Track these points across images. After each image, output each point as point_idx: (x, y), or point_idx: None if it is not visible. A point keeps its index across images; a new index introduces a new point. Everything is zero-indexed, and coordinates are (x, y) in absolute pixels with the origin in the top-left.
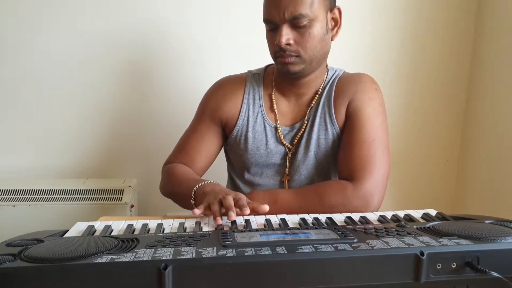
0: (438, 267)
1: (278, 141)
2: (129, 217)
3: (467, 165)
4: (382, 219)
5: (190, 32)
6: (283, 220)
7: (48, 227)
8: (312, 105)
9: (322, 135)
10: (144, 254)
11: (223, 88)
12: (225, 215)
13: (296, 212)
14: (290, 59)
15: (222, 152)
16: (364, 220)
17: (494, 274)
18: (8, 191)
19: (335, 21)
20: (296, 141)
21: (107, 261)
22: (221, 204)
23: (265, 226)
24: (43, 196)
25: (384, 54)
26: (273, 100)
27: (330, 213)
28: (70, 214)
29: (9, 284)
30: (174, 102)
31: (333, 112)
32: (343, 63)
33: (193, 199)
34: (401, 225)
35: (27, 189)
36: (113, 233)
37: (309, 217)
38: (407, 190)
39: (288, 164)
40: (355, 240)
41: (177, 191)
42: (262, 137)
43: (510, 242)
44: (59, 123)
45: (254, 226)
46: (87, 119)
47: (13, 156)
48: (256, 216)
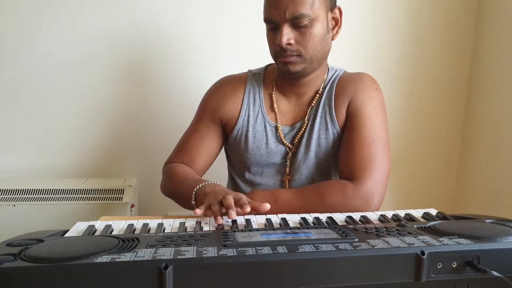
0: (439, 267)
1: (279, 141)
2: (130, 217)
3: (467, 165)
4: (383, 219)
5: (190, 32)
6: (284, 220)
7: (48, 227)
8: (313, 105)
9: (323, 135)
10: (145, 254)
11: (224, 88)
12: (226, 215)
13: (297, 212)
14: (291, 59)
15: (223, 152)
16: (365, 220)
17: (495, 274)
18: (8, 191)
19: (336, 21)
20: (297, 141)
21: (108, 261)
22: (222, 204)
23: (266, 226)
24: (43, 196)
25: (385, 54)
26: (274, 100)
27: (331, 213)
28: (71, 214)
29: (9, 284)
30: (174, 102)
31: (334, 112)
32: (343, 63)
33: (194, 200)
34: (402, 225)
35: (27, 189)
36: (114, 233)
37: (310, 217)
38: (407, 190)
39: (289, 164)
40: (356, 240)
41: (178, 191)
42: (263, 137)
43: (511, 242)
44: (59, 123)
45: (255, 226)
46: (87, 119)
47: (13, 156)
48: (257, 216)
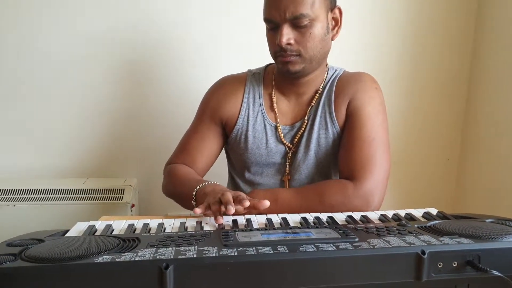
0: (439, 266)
1: (278, 140)
2: (130, 217)
3: (467, 165)
4: (383, 218)
5: (190, 32)
6: (284, 219)
7: (49, 227)
8: (313, 104)
9: (323, 134)
10: (145, 254)
11: (223, 88)
12: (226, 215)
13: (297, 211)
14: (291, 58)
15: (223, 152)
16: (365, 219)
17: (495, 273)
18: (8, 191)
19: (336, 21)
20: (297, 140)
21: (108, 261)
22: (221, 203)
23: (266, 225)
24: (43, 196)
25: (385, 54)
26: (273, 100)
27: (331, 212)
28: (71, 214)
29: (10, 284)
30: (174, 102)
31: (334, 111)
32: (343, 63)
33: (194, 200)
34: (402, 224)
35: (27, 189)
36: (114, 233)
37: (310, 216)
38: (408, 190)
39: (289, 163)
40: (356, 239)
41: (179, 192)
42: (262, 136)
43: (511, 241)
44: (59, 123)
45: (255, 226)
46: (87, 119)
47: (13, 156)
48: (257, 216)
